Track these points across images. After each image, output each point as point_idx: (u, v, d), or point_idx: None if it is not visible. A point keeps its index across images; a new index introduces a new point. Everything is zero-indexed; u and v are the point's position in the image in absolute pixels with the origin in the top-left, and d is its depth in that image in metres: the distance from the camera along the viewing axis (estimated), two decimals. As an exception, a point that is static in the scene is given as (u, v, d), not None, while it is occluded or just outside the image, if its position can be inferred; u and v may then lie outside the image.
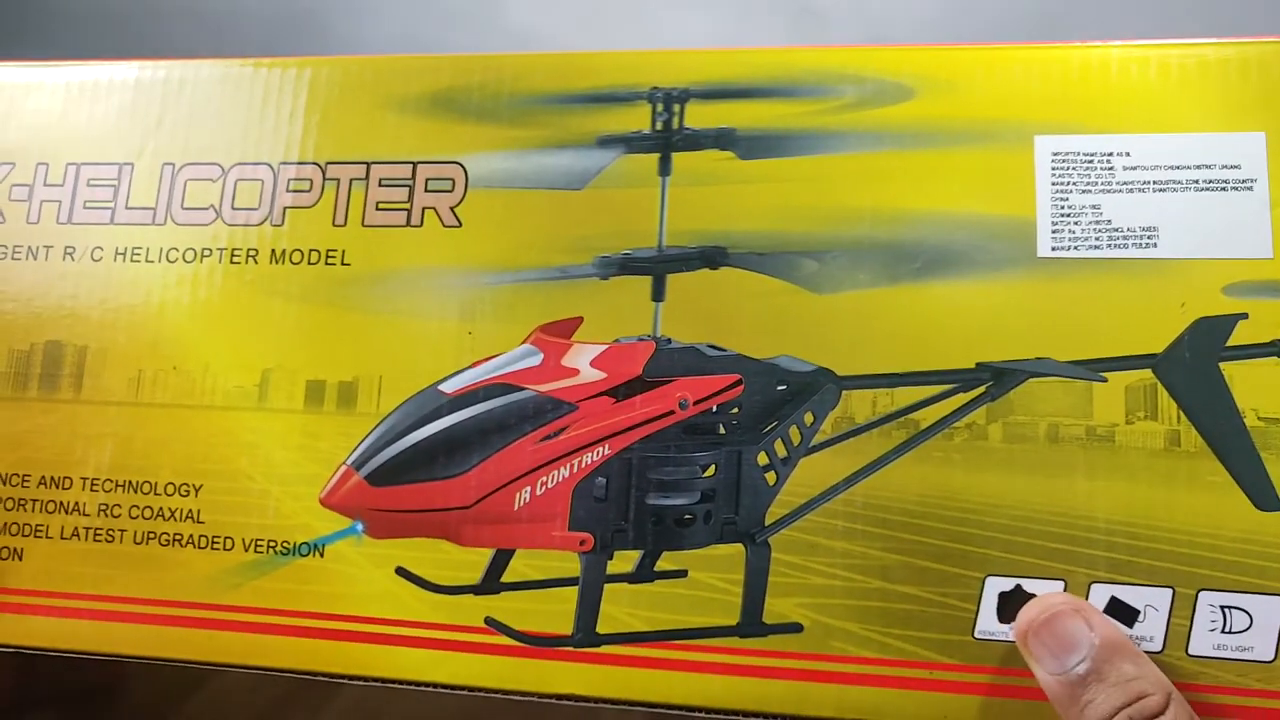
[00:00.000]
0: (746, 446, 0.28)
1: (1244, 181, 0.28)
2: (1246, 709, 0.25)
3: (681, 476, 0.28)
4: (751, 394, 0.28)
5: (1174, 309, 0.27)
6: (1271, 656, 0.25)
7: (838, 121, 0.29)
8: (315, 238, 0.31)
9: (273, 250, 0.31)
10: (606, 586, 0.28)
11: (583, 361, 0.29)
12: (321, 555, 0.29)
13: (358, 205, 0.31)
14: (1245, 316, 0.27)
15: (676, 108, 0.30)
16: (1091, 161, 0.28)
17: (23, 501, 0.31)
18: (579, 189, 0.30)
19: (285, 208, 0.31)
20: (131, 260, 0.32)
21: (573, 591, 0.28)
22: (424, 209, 0.31)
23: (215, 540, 0.30)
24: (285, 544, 0.29)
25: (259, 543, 0.29)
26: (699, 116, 0.30)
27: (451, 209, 0.31)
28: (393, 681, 0.29)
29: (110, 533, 0.30)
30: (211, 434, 0.30)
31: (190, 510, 0.30)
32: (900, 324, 0.28)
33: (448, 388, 0.29)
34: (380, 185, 0.31)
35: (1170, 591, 0.26)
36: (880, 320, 0.28)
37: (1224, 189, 0.28)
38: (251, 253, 0.31)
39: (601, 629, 0.28)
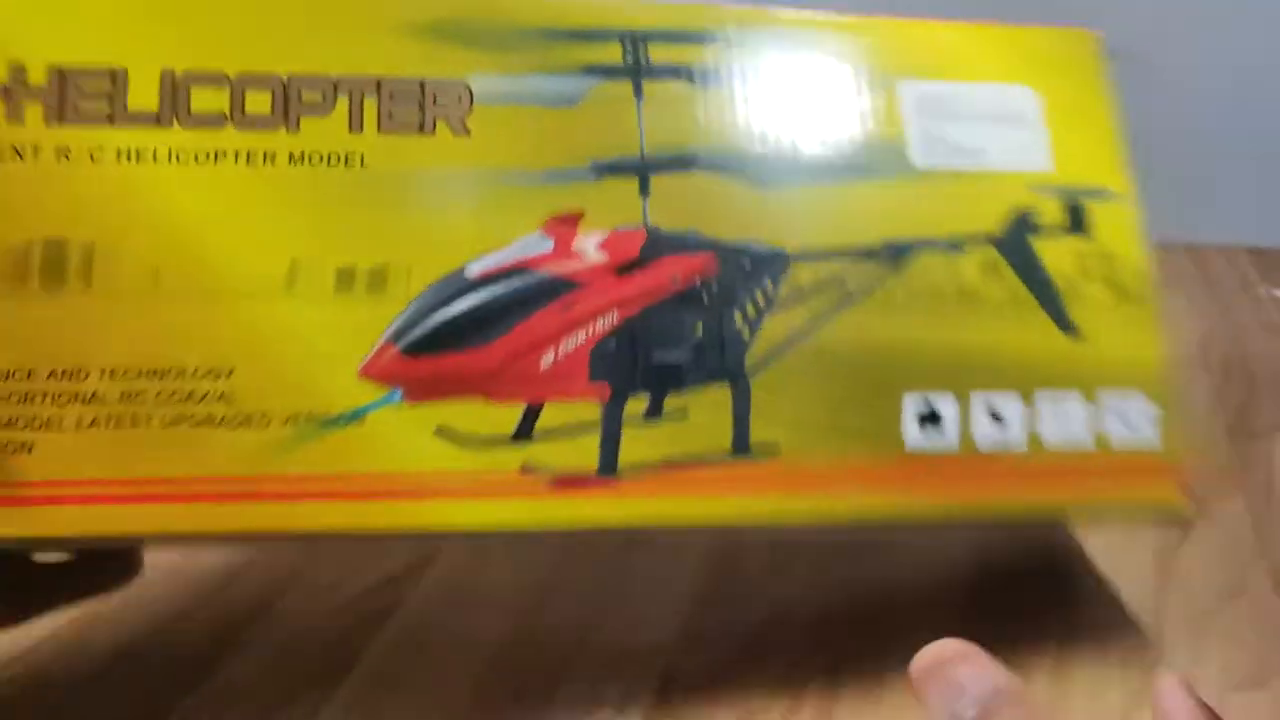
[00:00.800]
0: (725, 309, 0.35)
1: (1028, 117, 0.40)
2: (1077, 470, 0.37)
3: (677, 336, 0.35)
4: (726, 269, 0.35)
5: (1004, 203, 0.39)
6: (1092, 440, 0.37)
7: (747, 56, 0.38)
8: (332, 143, 0.33)
9: (290, 153, 0.33)
10: (625, 429, 0.33)
11: (588, 246, 0.35)
12: (362, 423, 0.32)
13: (371, 114, 0.34)
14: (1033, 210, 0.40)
15: (641, 47, 0.37)
16: (940, 101, 0.39)
17: (29, 395, 0.30)
18: (571, 107, 0.35)
19: (299, 116, 0.33)
20: (138, 162, 0.32)
21: (595, 436, 0.33)
22: (434, 118, 0.34)
23: (251, 418, 0.31)
24: (325, 415, 0.31)
25: (297, 417, 0.31)
26: (660, 54, 0.37)
27: (461, 119, 0.34)
28: (437, 535, 0.32)
29: (135, 418, 0.30)
30: (241, 320, 0.31)
31: (223, 392, 0.31)
32: (830, 213, 0.37)
33: (472, 272, 0.33)
34: (392, 98, 0.34)
35: (1017, 393, 0.37)
36: (815, 210, 0.37)
37: (1018, 122, 0.40)
38: (269, 155, 0.33)
39: (620, 463, 0.33)
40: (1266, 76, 1.45)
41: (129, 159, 0.32)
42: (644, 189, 0.36)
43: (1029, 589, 0.40)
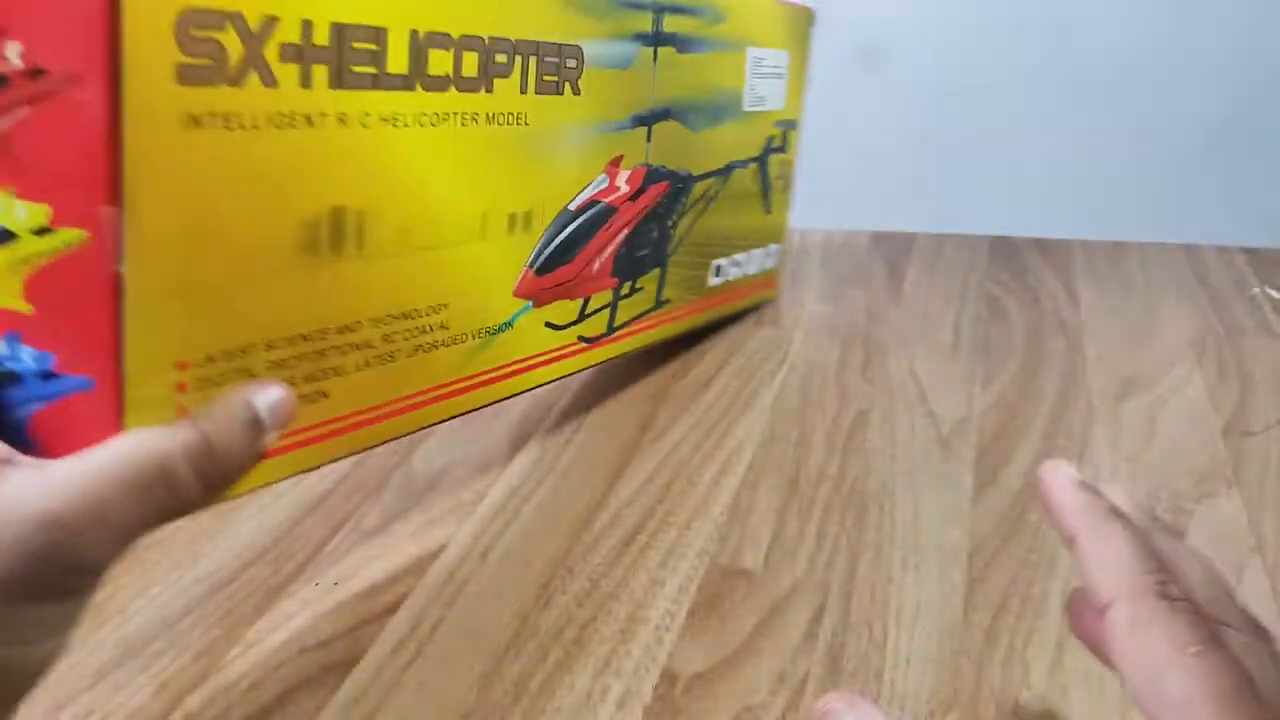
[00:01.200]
0: (666, 218, 0.53)
1: (782, 72, 0.59)
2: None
3: (647, 239, 0.51)
4: (670, 190, 0.52)
5: (764, 133, 0.59)
6: (760, 270, 0.64)
7: (707, 31, 0.51)
8: (511, 103, 0.38)
9: (488, 113, 0.38)
10: (620, 303, 0.51)
11: (622, 181, 0.48)
12: (512, 329, 0.43)
13: (532, 76, 0.39)
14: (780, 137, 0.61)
15: (661, 18, 0.47)
16: (758, 63, 0.56)
17: (323, 351, 0.34)
18: (627, 69, 0.45)
19: (494, 78, 0.37)
20: (394, 125, 0.33)
21: (607, 311, 0.50)
22: (564, 80, 0.41)
23: (457, 338, 0.40)
24: (494, 326, 0.42)
25: (480, 330, 0.41)
26: (669, 25, 0.48)
27: (576, 81, 0.42)
28: (538, 387, 0.46)
29: (391, 354, 0.37)
30: (452, 264, 0.38)
31: (442, 322, 0.38)
32: (712, 145, 0.54)
33: (571, 207, 0.44)
34: (542, 60, 0.40)
35: (747, 249, 0.62)
36: (707, 144, 0.54)
37: (779, 76, 0.58)
38: (474, 116, 0.37)
39: (615, 324, 0.51)
40: (1266, 77, 1.45)
41: (389, 123, 0.33)
42: (649, 136, 0.49)
43: (1028, 585, 0.40)
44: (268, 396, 0.29)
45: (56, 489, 0.24)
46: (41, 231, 0.25)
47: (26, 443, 0.26)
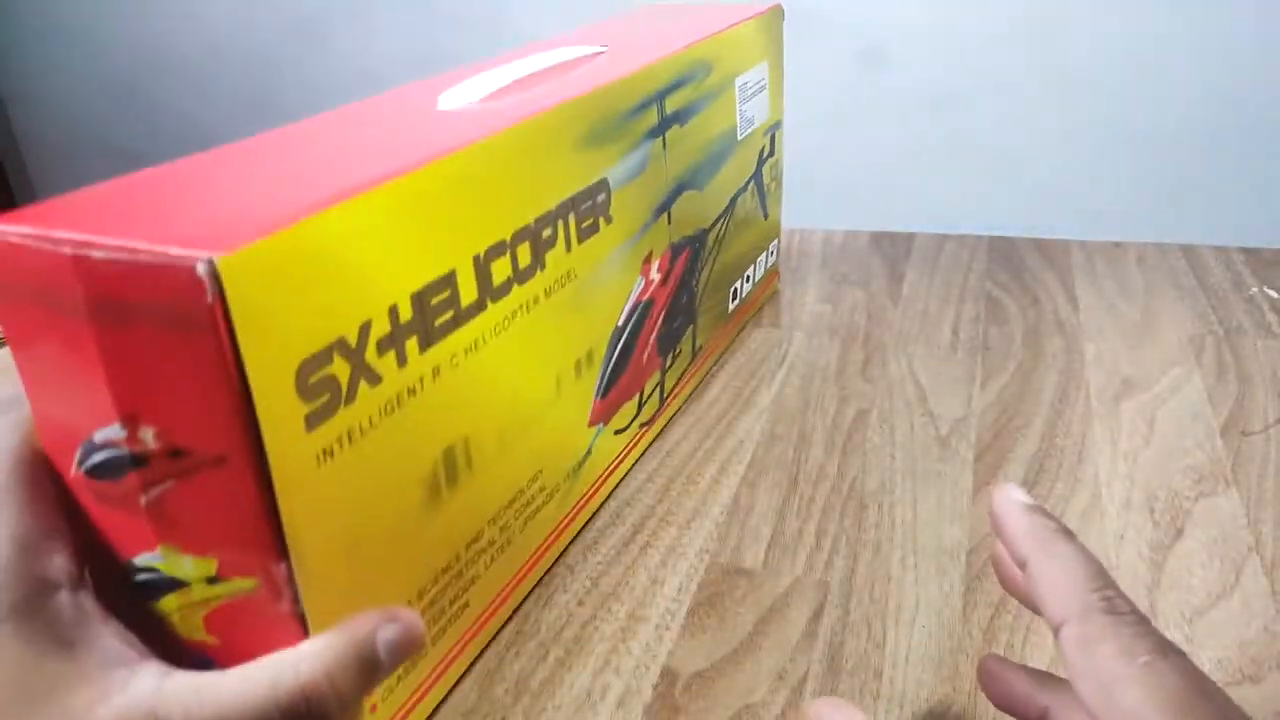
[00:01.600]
0: (693, 279, 0.53)
1: (764, 83, 0.59)
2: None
3: (679, 308, 0.52)
4: (692, 253, 0.52)
5: (757, 148, 0.59)
6: (764, 273, 0.66)
7: (701, 90, 0.50)
8: (560, 267, 0.39)
9: (545, 289, 0.38)
10: (666, 375, 0.52)
11: (654, 273, 0.48)
12: (590, 454, 0.44)
13: (573, 232, 0.39)
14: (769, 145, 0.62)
15: (662, 105, 0.46)
16: (745, 86, 0.56)
17: (459, 572, 0.35)
18: (643, 172, 0.45)
19: (544, 254, 0.37)
20: (475, 350, 0.33)
21: (655, 391, 0.51)
22: (599, 217, 0.41)
23: (553, 491, 0.42)
24: (576, 464, 0.43)
25: (569, 472, 0.43)
26: (671, 104, 0.47)
27: (608, 210, 0.42)
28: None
29: (509, 539, 0.39)
30: (540, 435, 0.39)
31: (540, 485, 0.40)
32: (715, 191, 0.54)
33: (618, 323, 0.45)
34: (578, 211, 0.39)
35: (752, 262, 0.63)
36: (711, 194, 0.53)
37: (762, 88, 0.58)
38: (535, 298, 0.37)
39: (665, 394, 0.52)
40: (1265, 78, 1.45)
41: (471, 351, 0.33)
42: (669, 218, 0.49)
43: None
44: (389, 634, 0.27)
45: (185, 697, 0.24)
46: (212, 580, 0.27)
47: None
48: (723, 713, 0.35)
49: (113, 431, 0.25)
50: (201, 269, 0.22)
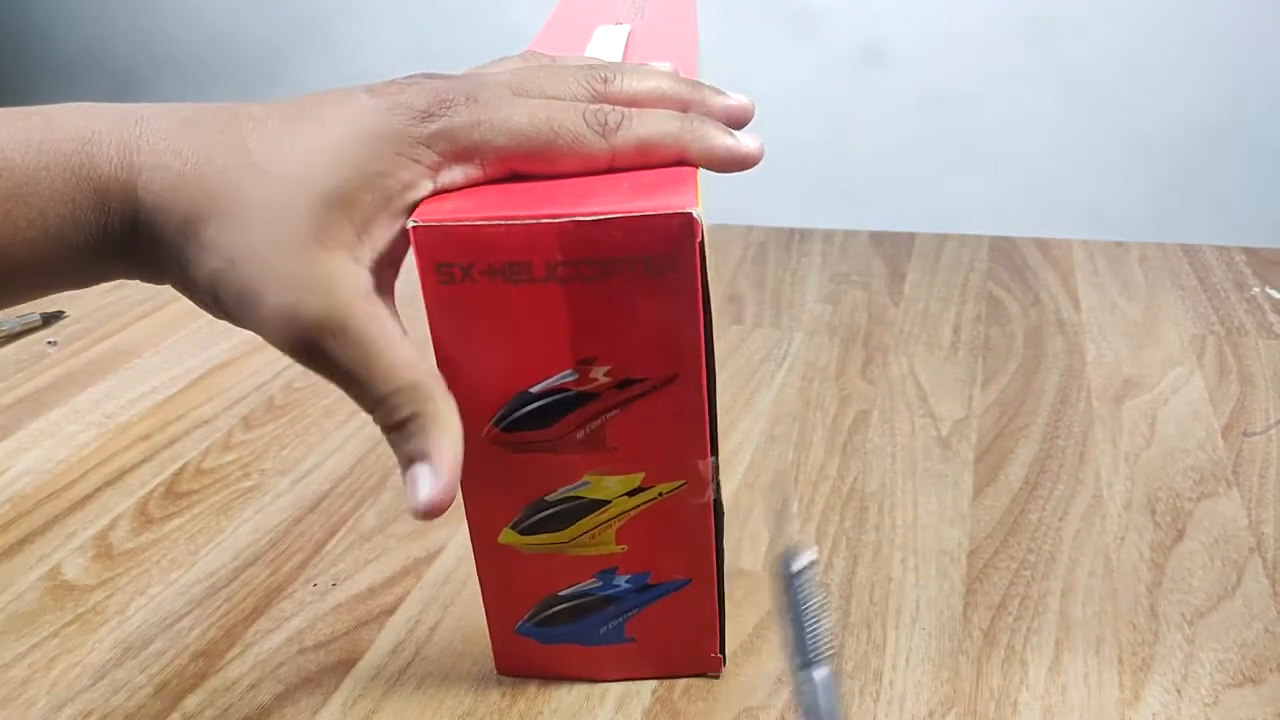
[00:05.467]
0: None
1: None
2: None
3: None
4: None
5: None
6: None
7: None
8: None
9: None
10: None
11: None
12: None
13: None
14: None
15: None
16: None
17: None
18: None
19: None
20: None
21: None
22: None
23: None
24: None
25: None
26: None
27: None
28: None
29: None
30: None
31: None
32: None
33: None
34: None
35: None
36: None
37: None
38: None
39: None
40: (1264, 79, 1.45)
41: None
42: None
43: (1026, 585, 0.40)
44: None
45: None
46: (633, 492, 0.31)
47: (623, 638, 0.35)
48: (722, 716, 0.35)
49: (562, 377, 0.29)
50: (696, 213, 0.26)
